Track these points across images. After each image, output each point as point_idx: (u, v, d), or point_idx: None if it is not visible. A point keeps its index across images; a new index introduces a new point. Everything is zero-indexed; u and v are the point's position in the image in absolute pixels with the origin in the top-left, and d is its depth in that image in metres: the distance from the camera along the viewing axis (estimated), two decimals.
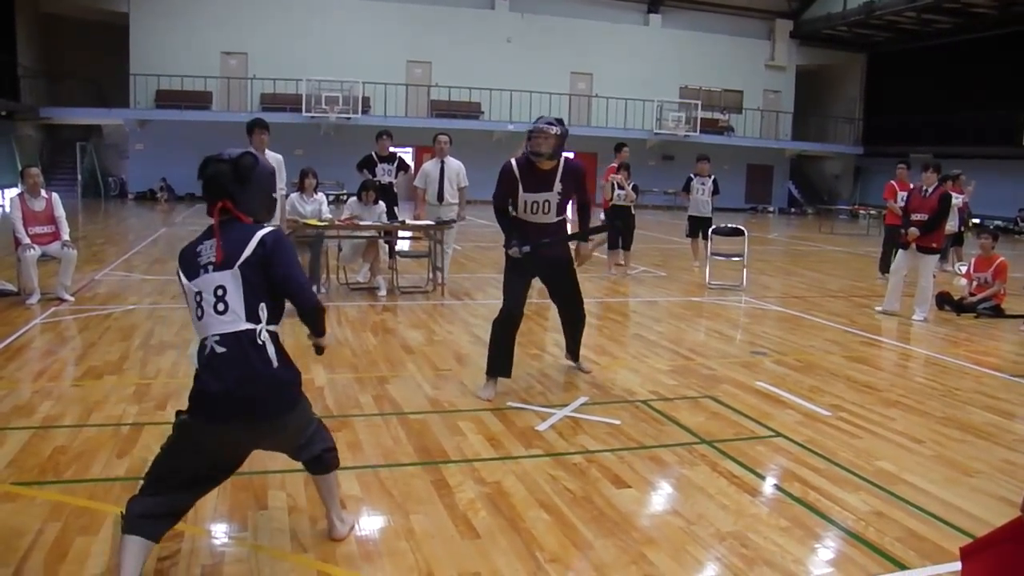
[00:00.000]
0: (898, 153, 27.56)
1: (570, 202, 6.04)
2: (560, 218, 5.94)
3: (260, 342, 3.04)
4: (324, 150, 27.55)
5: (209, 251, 3.09)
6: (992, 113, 28.24)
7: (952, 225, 13.00)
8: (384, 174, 10.93)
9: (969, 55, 30.72)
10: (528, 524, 3.74)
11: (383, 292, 9.82)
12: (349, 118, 28.62)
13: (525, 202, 5.79)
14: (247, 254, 3.07)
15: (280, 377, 3.09)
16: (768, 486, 4.33)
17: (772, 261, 15.68)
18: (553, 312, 9.13)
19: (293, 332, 7.59)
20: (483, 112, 31.02)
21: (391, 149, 11.20)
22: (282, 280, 3.12)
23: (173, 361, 6.48)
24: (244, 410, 3.01)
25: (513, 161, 5.85)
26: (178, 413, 3.14)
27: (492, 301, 9.60)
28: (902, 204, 12.47)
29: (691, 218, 13.58)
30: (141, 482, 3.11)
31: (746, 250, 11.77)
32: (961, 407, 5.92)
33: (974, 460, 4.78)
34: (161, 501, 3.04)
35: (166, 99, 28.74)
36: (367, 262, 10.36)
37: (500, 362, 5.82)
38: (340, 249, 10.39)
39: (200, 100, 28.85)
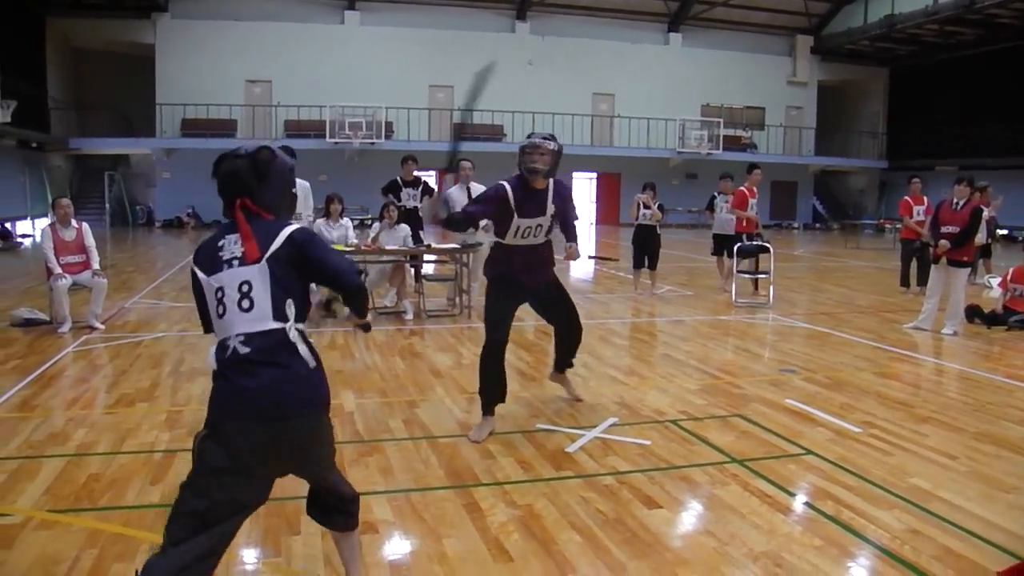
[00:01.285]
0: (923, 167, 27.58)
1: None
2: (547, 239, 5.62)
3: (291, 340, 2.84)
4: (348, 175, 27.75)
5: (233, 246, 2.89)
6: (1018, 124, 28.02)
7: (980, 237, 12.90)
8: (409, 199, 10.99)
9: (993, 66, 30.51)
10: (560, 547, 3.73)
11: (410, 316, 9.86)
12: (373, 143, 28.85)
13: (519, 227, 5.38)
14: (275, 247, 2.88)
15: (317, 376, 2.89)
16: (800, 505, 4.29)
17: (798, 277, 15.59)
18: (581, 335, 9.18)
19: (322, 358, 7.67)
20: (505, 134, 31.17)
21: (416, 173, 11.27)
22: (320, 268, 2.97)
23: (203, 388, 6.52)
24: (277, 406, 2.74)
25: (507, 185, 5.38)
26: (197, 438, 2.81)
27: (519, 323, 9.57)
28: (918, 219, 12.52)
29: (716, 236, 13.54)
30: (162, 539, 2.70)
31: (772, 267, 11.72)
32: (995, 422, 5.85)
33: (1010, 476, 4.72)
34: (192, 546, 2.66)
35: (192, 128, 29.13)
36: (394, 286, 10.41)
37: (494, 393, 5.48)
38: (366, 274, 10.45)
39: (225, 128, 29.20)
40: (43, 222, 11.04)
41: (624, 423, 5.66)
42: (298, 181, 8.13)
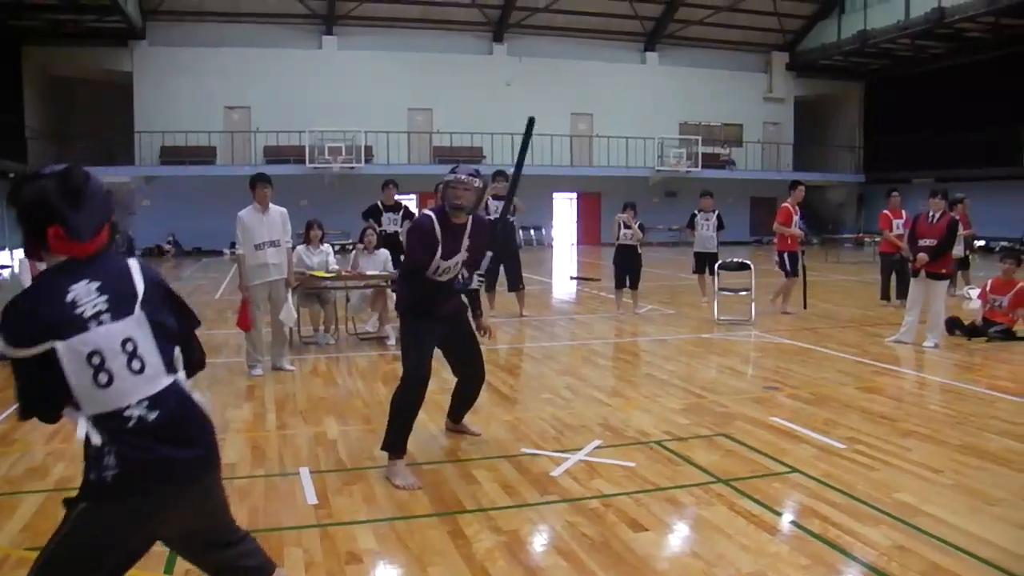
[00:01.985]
0: (900, 179, 27.81)
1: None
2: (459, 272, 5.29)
3: (184, 396, 2.52)
4: (329, 200, 27.71)
5: (93, 296, 2.40)
6: (992, 134, 28.36)
7: (958, 250, 13.00)
8: (390, 223, 10.98)
9: (965, 78, 30.88)
10: (547, 572, 3.70)
11: (392, 341, 9.79)
12: (352, 167, 28.85)
13: (438, 268, 5.13)
14: (141, 292, 2.48)
15: (209, 436, 2.58)
16: (787, 524, 4.29)
17: None
18: (564, 355, 9.21)
19: (305, 386, 7.63)
20: (485, 156, 31.22)
21: (396, 198, 11.26)
22: (179, 325, 2.60)
23: None
24: (171, 477, 2.44)
25: (433, 216, 5.14)
26: (69, 502, 2.45)
27: (501, 346, 9.61)
28: (898, 232, 12.62)
29: (697, 254, 13.61)
30: None
31: (753, 284, 11.76)
32: (978, 434, 5.88)
33: (995, 488, 4.73)
34: None
35: (171, 155, 29.09)
36: (375, 311, 10.36)
37: (404, 434, 5.09)
38: (348, 300, 10.41)
39: (204, 155, 29.16)
40: (21, 252, 10.93)
41: (608, 445, 5.64)
42: (275, 208, 8.16)
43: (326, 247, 10.03)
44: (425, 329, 5.21)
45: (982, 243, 21.44)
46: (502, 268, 11.75)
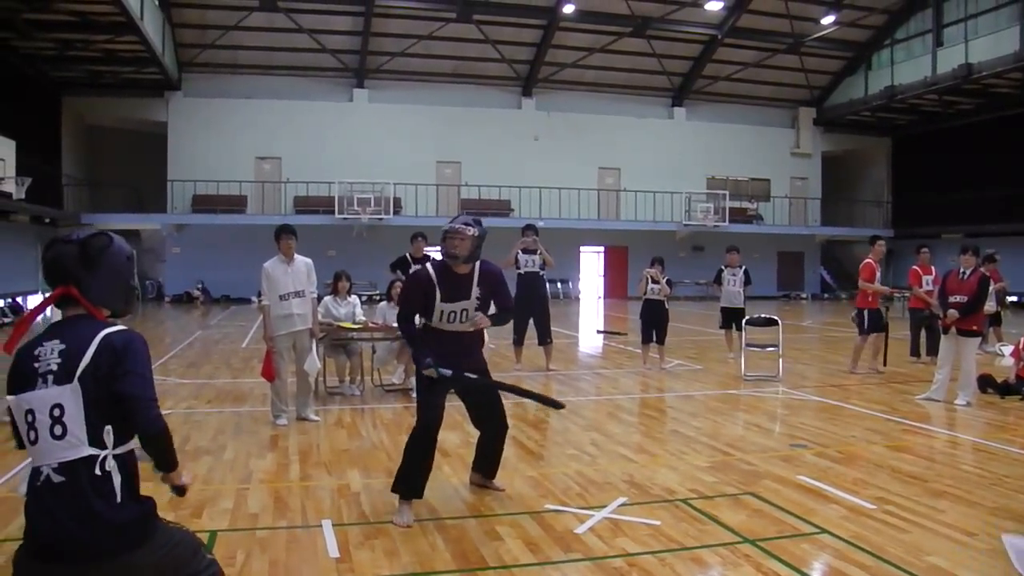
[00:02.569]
0: (929, 234, 27.69)
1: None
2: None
3: (102, 472, 2.55)
4: (357, 251, 27.98)
5: (51, 356, 2.60)
6: (1019, 190, 28.20)
7: (990, 306, 12.85)
8: None
9: (993, 134, 30.85)
10: None
11: (408, 387, 9.79)
12: (381, 219, 29.11)
13: (442, 312, 5.29)
14: (86, 362, 2.57)
15: (122, 516, 2.57)
16: None
17: (808, 349, 15.52)
18: (589, 411, 9.15)
19: (329, 437, 7.62)
20: (513, 209, 31.46)
21: (426, 250, 11.29)
22: (119, 393, 2.60)
23: (209, 467, 6.48)
24: (75, 552, 2.49)
25: (429, 266, 5.38)
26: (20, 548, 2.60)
27: (527, 400, 9.54)
28: (927, 288, 12.51)
29: (723, 309, 13.55)
30: None
31: (780, 340, 11.66)
32: (1013, 496, 5.75)
33: None
34: None
35: (202, 204, 29.55)
36: (401, 363, 10.36)
37: (414, 482, 5.23)
38: (374, 351, 10.42)
39: (235, 204, 29.59)
40: None
41: (634, 502, 5.58)
42: (300, 258, 8.24)
43: (353, 298, 10.08)
44: (432, 381, 5.32)
45: (1014, 298, 21.18)
46: (531, 321, 11.76)
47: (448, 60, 31.54)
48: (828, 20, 30.61)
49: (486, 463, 5.87)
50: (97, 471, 2.55)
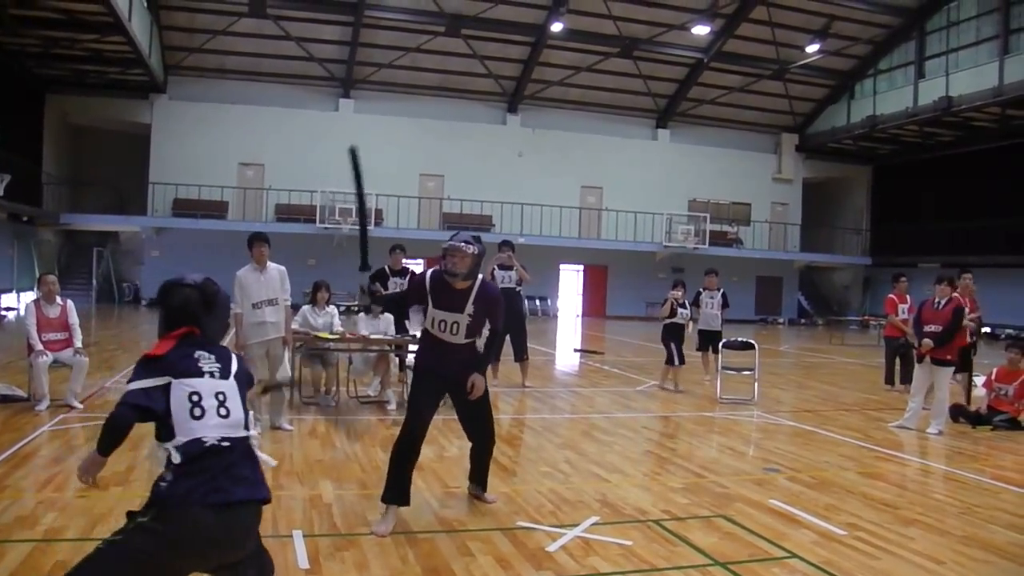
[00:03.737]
0: (907, 263, 28.02)
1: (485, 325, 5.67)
2: (470, 340, 5.55)
3: (251, 449, 3.12)
4: (337, 261, 27.85)
5: (208, 360, 3.14)
6: (998, 222, 28.58)
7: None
8: (396, 288, 10.97)
9: (972, 166, 31.34)
10: None
11: (392, 406, 9.74)
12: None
13: (434, 319, 5.46)
14: (235, 370, 3.19)
15: (264, 488, 3.14)
16: None
17: (783, 374, 15.58)
18: (564, 429, 9.15)
19: (302, 447, 7.57)
20: (494, 225, 31.48)
21: (404, 263, 11.29)
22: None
23: None
24: (234, 494, 2.96)
25: (428, 273, 5.53)
26: (134, 515, 2.95)
27: (502, 416, 9.56)
28: (903, 317, 12.61)
29: (701, 332, 13.58)
30: None
31: (757, 364, 11.72)
32: (983, 525, 5.78)
33: None
34: None
35: (183, 207, 29.40)
36: (378, 375, 10.31)
37: (399, 489, 5.33)
38: (351, 362, 10.37)
39: (216, 209, 29.46)
40: (29, 296, 11.05)
41: (606, 522, 5.57)
42: (273, 265, 8.20)
43: (331, 308, 10.04)
44: (425, 386, 5.51)
45: (987, 329, 21.38)
46: (508, 338, 11.75)
47: (435, 73, 31.61)
48: (813, 48, 30.97)
49: (477, 473, 5.97)
50: (249, 447, 3.11)
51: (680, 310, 12.49)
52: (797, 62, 31.84)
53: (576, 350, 19.28)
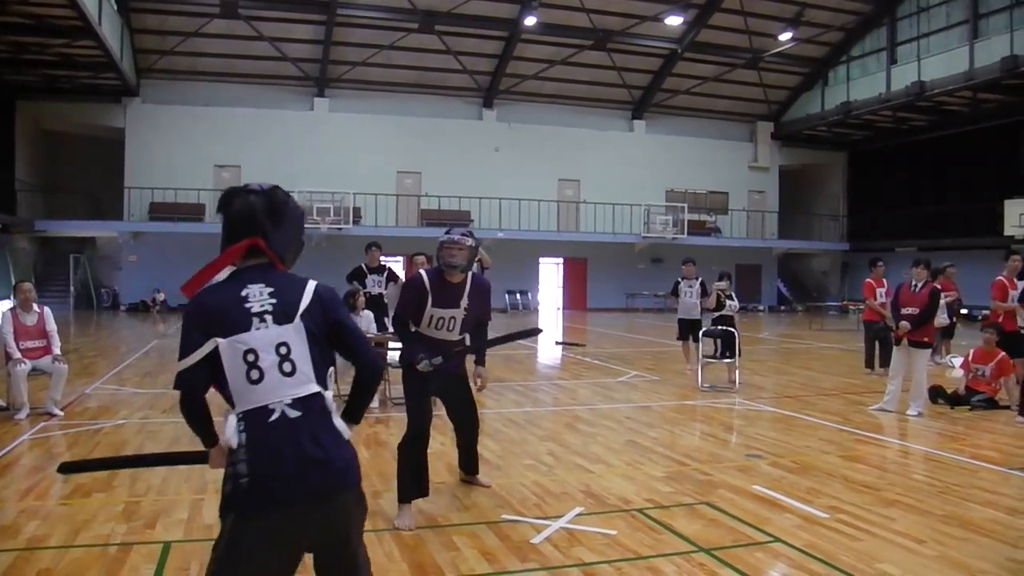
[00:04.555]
0: (884, 248, 28.23)
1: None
2: (462, 336, 5.77)
3: (327, 410, 2.63)
4: (316, 261, 27.52)
5: (261, 297, 2.62)
6: (972, 204, 28.84)
7: (943, 318, 13.09)
8: (374, 285, 10.99)
9: (946, 150, 31.63)
10: None
11: (375, 404, 9.75)
12: (340, 229, 28.98)
13: (431, 317, 5.52)
14: (304, 306, 2.65)
15: (348, 453, 2.66)
16: None
17: (764, 361, 15.67)
18: (546, 421, 9.18)
19: None
20: (473, 220, 31.44)
21: (381, 260, 11.29)
22: (347, 334, 2.77)
23: (163, 477, 6.37)
24: (326, 480, 2.54)
25: (423, 272, 5.61)
26: (225, 513, 2.54)
27: (485, 411, 9.55)
28: (881, 300, 12.72)
29: (681, 321, 13.62)
30: None
31: (738, 351, 11.78)
32: (961, 504, 5.86)
33: (979, 559, 4.71)
34: None
35: (160, 211, 29.20)
36: None
37: (416, 485, 5.45)
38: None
39: (193, 212, 29.23)
40: (4, 304, 10.94)
41: (590, 512, 5.60)
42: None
43: (367, 313, 10.06)
44: (420, 383, 5.56)
45: (965, 311, 21.57)
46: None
47: (410, 70, 31.50)
48: (786, 36, 31.10)
49: (468, 460, 6.21)
50: (324, 408, 2.62)
51: (728, 302, 12.29)
52: (770, 51, 31.96)
53: (558, 343, 19.32)
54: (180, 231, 28.52)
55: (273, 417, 2.53)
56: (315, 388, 2.60)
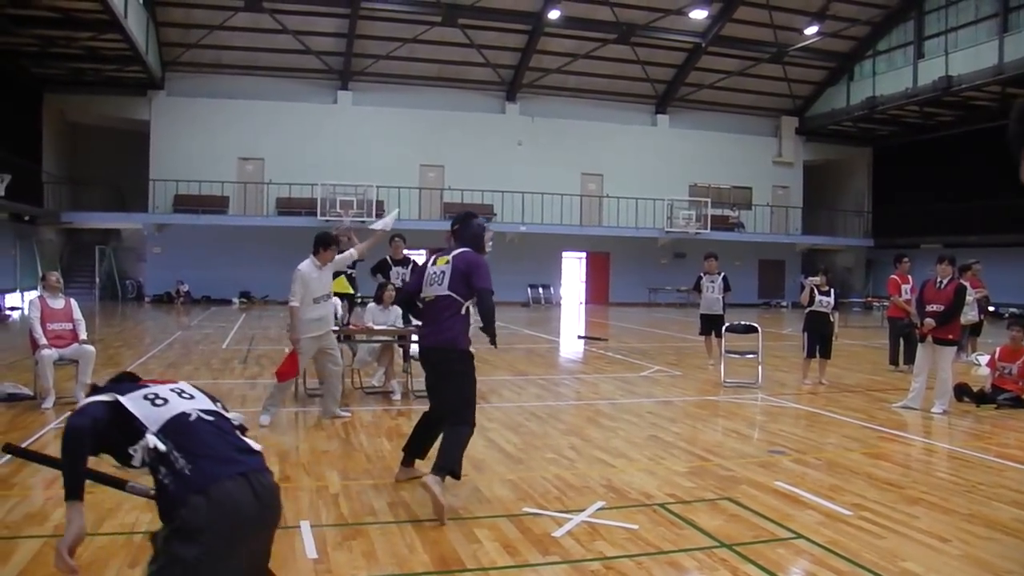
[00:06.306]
0: (909, 244, 27.96)
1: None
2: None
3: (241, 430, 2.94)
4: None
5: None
6: (1000, 201, 28.50)
7: (972, 315, 12.98)
8: (398, 277, 10.96)
9: (973, 145, 31.13)
10: None
11: (397, 396, 9.78)
12: (363, 221, 29.02)
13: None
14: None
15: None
16: None
17: (787, 357, 15.57)
18: (567, 415, 9.19)
19: (308, 438, 7.60)
20: (495, 214, 31.44)
21: (404, 252, 11.29)
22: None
23: None
24: (254, 475, 2.74)
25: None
26: (156, 535, 2.67)
27: (507, 404, 9.60)
28: (906, 297, 12.60)
29: (703, 316, 13.59)
30: None
31: (760, 347, 11.72)
32: (986, 503, 5.81)
33: (1004, 559, 4.66)
34: None
35: (184, 203, 29.37)
36: (382, 366, 10.34)
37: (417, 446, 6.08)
38: (355, 353, 10.39)
39: (217, 204, 29.42)
40: (32, 295, 11.11)
41: (611, 506, 5.59)
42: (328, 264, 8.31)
43: (396, 308, 10.11)
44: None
45: (992, 308, 21.37)
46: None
47: (433, 63, 31.54)
48: (811, 30, 30.80)
49: (419, 444, 6.14)
50: (234, 425, 2.97)
51: (822, 297, 11.87)
52: (795, 45, 31.72)
53: (580, 337, 19.30)
54: (204, 223, 28.72)
55: (192, 417, 2.83)
56: (218, 408, 2.95)
